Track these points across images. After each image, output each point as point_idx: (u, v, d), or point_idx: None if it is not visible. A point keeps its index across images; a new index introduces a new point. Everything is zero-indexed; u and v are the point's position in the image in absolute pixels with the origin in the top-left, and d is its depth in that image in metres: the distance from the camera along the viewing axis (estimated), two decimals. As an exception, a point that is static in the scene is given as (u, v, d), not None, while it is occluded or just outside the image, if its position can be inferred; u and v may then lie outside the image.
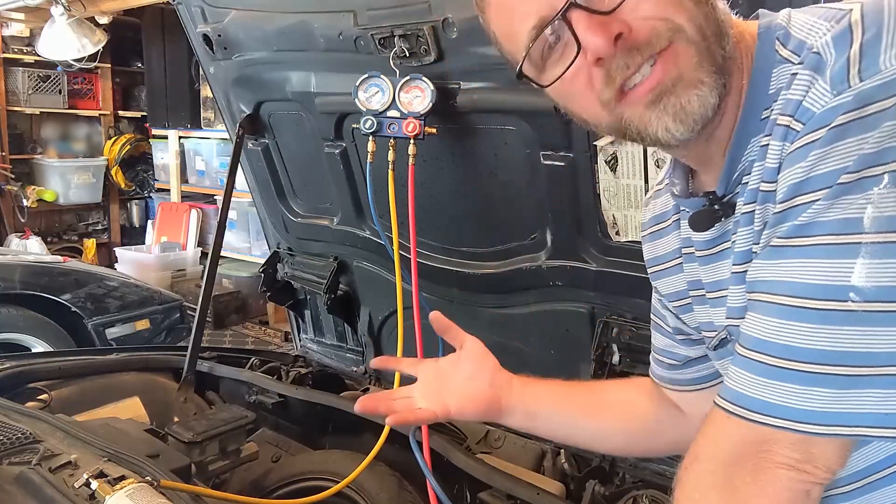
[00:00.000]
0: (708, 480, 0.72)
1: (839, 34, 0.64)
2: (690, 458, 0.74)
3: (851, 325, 0.60)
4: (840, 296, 0.60)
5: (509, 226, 1.81)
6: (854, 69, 0.61)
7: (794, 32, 0.72)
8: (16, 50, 5.95)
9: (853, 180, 0.60)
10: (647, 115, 0.72)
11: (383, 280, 2.16)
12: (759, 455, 0.67)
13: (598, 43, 0.69)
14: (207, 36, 2.01)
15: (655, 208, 1.01)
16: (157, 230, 6.37)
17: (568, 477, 1.74)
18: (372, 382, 2.35)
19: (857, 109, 0.60)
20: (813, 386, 0.62)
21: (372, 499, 1.64)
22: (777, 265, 0.65)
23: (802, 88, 0.66)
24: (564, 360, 1.85)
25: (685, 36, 0.70)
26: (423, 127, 1.64)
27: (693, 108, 0.71)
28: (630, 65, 0.70)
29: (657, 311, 1.06)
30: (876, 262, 0.59)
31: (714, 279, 0.87)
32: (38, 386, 1.96)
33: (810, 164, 0.63)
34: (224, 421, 1.74)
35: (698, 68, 0.70)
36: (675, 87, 0.71)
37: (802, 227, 0.63)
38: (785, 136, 0.67)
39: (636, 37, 0.70)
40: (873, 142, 0.59)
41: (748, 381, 0.67)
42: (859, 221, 0.59)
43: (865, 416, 0.61)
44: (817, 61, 0.65)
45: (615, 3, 0.69)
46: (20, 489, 1.23)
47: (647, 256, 1.04)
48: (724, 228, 0.82)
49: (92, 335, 3.58)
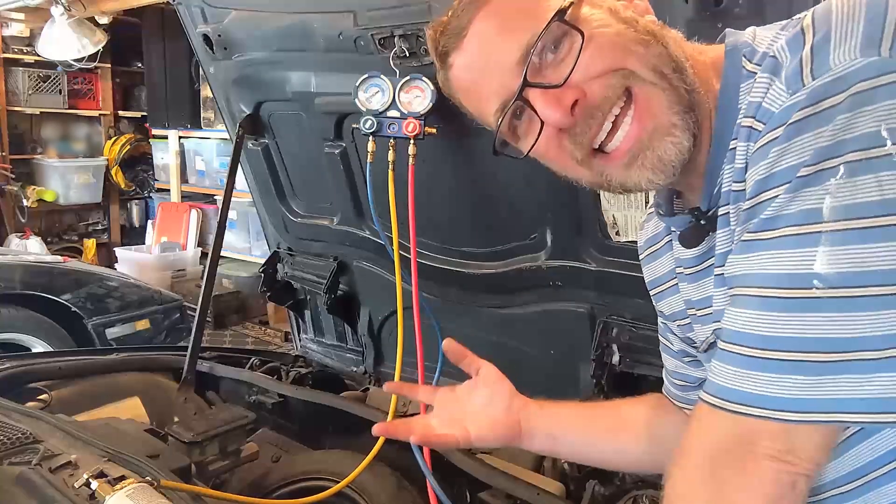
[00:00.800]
0: (695, 475, 0.72)
1: (792, 38, 0.67)
2: (679, 453, 0.75)
3: (818, 311, 0.62)
4: (805, 283, 0.62)
5: (509, 226, 1.81)
6: (807, 69, 0.64)
7: (758, 47, 0.74)
8: (16, 50, 5.95)
9: (811, 173, 0.62)
10: (626, 173, 0.78)
11: (383, 280, 2.16)
12: (744, 447, 0.68)
13: (556, 117, 0.75)
14: (207, 36, 2.01)
15: (648, 231, 1.04)
16: (157, 230, 6.37)
17: (568, 477, 1.74)
18: (372, 382, 2.35)
19: (812, 106, 0.63)
20: (788, 374, 0.64)
21: (372, 499, 1.64)
22: (747, 259, 0.67)
23: (762, 91, 0.69)
24: (564, 360, 1.85)
25: (640, 79, 0.74)
26: (423, 127, 1.64)
27: (670, 156, 0.76)
28: (592, 125, 0.76)
29: (663, 333, 1.07)
30: (836, 248, 0.61)
31: (701, 296, 0.89)
32: (38, 386, 1.96)
33: (772, 161, 0.65)
34: (224, 421, 1.74)
35: (669, 111, 0.75)
36: (650, 141, 0.75)
37: (768, 220, 0.65)
38: (749, 137, 0.70)
39: (591, 99, 0.75)
40: (828, 135, 0.62)
41: (728, 374, 0.68)
42: (819, 212, 0.61)
43: (842, 401, 0.62)
44: (774, 64, 0.68)
45: (566, 75, 0.75)
46: (20, 489, 1.23)
47: (647, 279, 1.06)
48: (709, 244, 0.84)
49: (92, 335, 3.58)
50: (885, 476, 0.73)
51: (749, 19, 1.04)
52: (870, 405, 0.62)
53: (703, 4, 1.23)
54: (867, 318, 0.60)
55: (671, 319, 1.02)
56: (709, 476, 0.71)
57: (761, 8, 1.21)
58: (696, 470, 0.72)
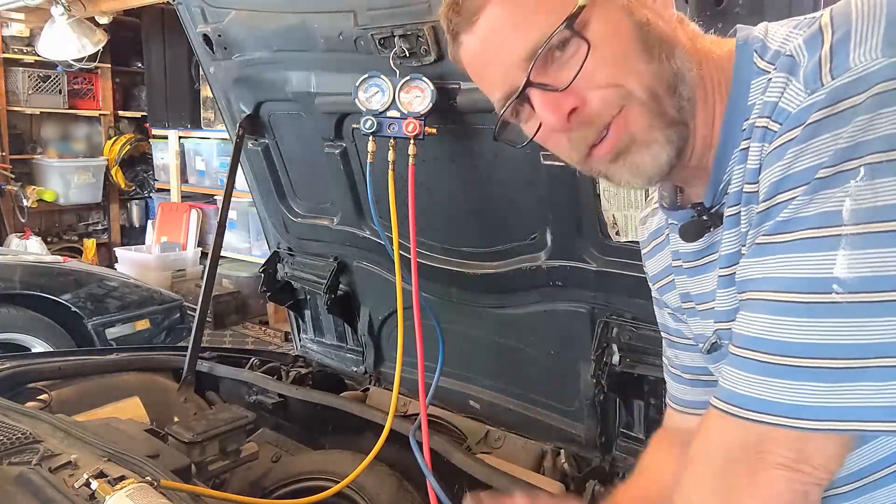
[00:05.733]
0: (705, 482, 0.72)
1: (810, 37, 0.66)
2: (688, 458, 0.74)
3: (837, 316, 0.61)
4: (824, 288, 0.61)
5: (509, 226, 1.81)
6: (826, 68, 0.63)
7: (770, 44, 0.73)
8: (16, 50, 5.95)
9: (830, 175, 0.61)
10: (611, 168, 0.80)
11: (383, 280, 2.16)
12: (756, 455, 0.67)
13: (553, 120, 0.76)
14: (207, 36, 2.01)
15: (651, 226, 1.03)
16: (157, 230, 6.37)
17: (568, 477, 1.74)
18: (372, 382, 2.35)
19: (830, 106, 0.62)
20: (806, 381, 0.62)
21: (372, 499, 1.64)
22: (763, 262, 0.66)
23: (778, 90, 0.68)
24: (564, 360, 1.85)
25: (636, 99, 0.75)
26: (423, 127, 1.64)
27: (645, 166, 0.77)
28: (588, 135, 0.77)
29: (668, 327, 1.06)
30: (856, 252, 0.60)
31: (701, 291, 0.88)
32: (38, 386, 1.96)
33: (788, 162, 0.64)
34: (224, 421, 1.73)
35: (649, 129, 0.76)
36: (629, 148, 0.77)
37: (784, 223, 0.64)
38: (764, 137, 0.69)
39: (588, 110, 0.75)
40: (847, 136, 0.61)
41: (741, 380, 0.67)
42: (838, 214, 0.60)
43: (860, 409, 0.61)
44: (791, 63, 0.67)
45: (568, 79, 0.74)
46: (20, 489, 1.22)
47: (650, 273, 1.05)
48: (711, 239, 0.83)
49: (92, 335, 3.58)
50: (887, 478, 0.73)
51: (749, 19, 1.04)
52: (888, 413, 0.61)
53: (703, 4, 1.23)
54: (887, 324, 0.59)
55: (678, 317, 1.01)
56: (719, 484, 0.70)
57: (761, 8, 1.21)
58: (707, 477, 0.72)
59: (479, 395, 2.08)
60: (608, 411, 1.78)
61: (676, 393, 1.07)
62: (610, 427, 1.79)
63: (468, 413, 2.04)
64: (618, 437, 1.79)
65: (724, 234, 0.78)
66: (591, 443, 1.81)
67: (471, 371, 2.09)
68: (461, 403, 2.09)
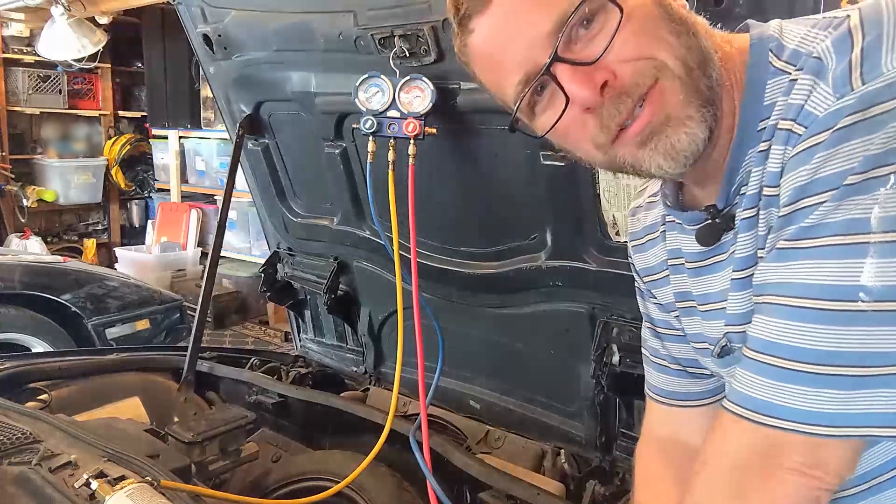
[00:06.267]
0: (717, 486, 0.71)
1: (839, 39, 0.64)
2: (699, 462, 0.74)
3: (861, 325, 0.60)
4: (850, 296, 0.60)
5: (509, 226, 1.81)
6: (857, 72, 0.61)
7: (787, 43, 0.72)
8: (16, 50, 5.95)
9: (860, 181, 0.60)
10: (639, 154, 0.74)
11: (383, 280, 2.16)
12: (768, 460, 0.66)
13: (585, 95, 0.71)
14: (207, 36, 2.01)
15: (647, 220, 1.01)
16: (157, 230, 6.37)
17: (568, 477, 1.74)
18: (372, 382, 2.35)
19: (862, 111, 0.61)
20: (822, 387, 0.62)
21: (372, 499, 1.64)
22: (785, 267, 0.65)
23: (804, 93, 0.66)
24: (564, 360, 1.85)
25: (670, 73, 0.71)
26: (423, 127, 1.64)
27: (683, 145, 0.72)
28: (622, 110, 0.72)
29: (652, 318, 1.05)
30: (885, 261, 0.59)
31: (705, 291, 0.87)
32: (38, 386, 1.96)
33: (815, 167, 0.63)
34: (224, 421, 1.73)
35: (686, 105, 0.71)
36: (663, 127, 0.72)
37: (809, 228, 0.63)
38: (787, 141, 0.67)
39: (622, 82, 0.71)
40: (879, 142, 0.59)
41: (756, 384, 0.67)
42: (867, 221, 0.60)
43: (875, 416, 0.61)
44: (818, 66, 0.65)
45: (598, 53, 0.70)
46: (20, 489, 1.22)
47: (639, 266, 1.04)
48: (721, 240, 0.82)
49: (92, 335, 3.58)
50: (890, 481, 0.73)
51: (749, 19, 1.04)
52: None
53: (703, 4, 1.23)
54: None
55: (666, 310, 1.00)
56: (731, 488, 0.70)
57: (761, 8, 1.21)
58: (718, 481, 0.71)
59: (479, 395, 2.08)
60: (608, 411, 1.78)
61: (660, 384, 1.06)
62: (610, 427, 1.79)
63: (468, 413, 2.04)
64: (618, 437, 1.79)
65: (739, 237, 0.77)
66: (591, 443, 1.81)
67: (471, 371, 2.09)
68: (461, 403, 2.08)
